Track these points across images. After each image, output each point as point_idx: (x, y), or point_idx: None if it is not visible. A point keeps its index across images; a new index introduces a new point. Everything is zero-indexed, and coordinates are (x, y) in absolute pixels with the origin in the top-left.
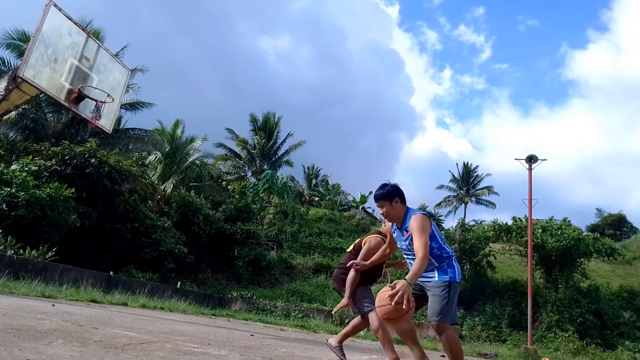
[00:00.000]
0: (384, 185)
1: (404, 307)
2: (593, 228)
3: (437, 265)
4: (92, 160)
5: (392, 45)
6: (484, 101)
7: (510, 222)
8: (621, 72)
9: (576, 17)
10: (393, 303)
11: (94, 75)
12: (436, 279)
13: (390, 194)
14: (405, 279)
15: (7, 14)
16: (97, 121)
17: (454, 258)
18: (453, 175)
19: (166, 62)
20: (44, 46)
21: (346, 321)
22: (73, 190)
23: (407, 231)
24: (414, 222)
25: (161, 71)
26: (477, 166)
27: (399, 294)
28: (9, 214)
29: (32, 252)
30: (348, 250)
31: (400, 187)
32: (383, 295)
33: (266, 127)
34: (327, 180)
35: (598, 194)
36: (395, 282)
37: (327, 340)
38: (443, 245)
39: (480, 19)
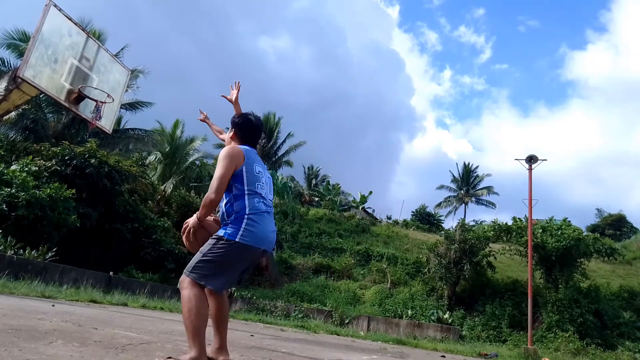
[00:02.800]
0: (242, 115)
1: (185, 238)
2: (593, 228)
3: (224, 222)
4: (92, 161)
5: (392, 46)
6: (484, 101)
7: (510, 222)
8: (620, 72)
9: (575, 18)
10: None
11: (94, 76)
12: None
13: (234, 123)
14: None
15: (7, 14)
16: (97, 121)
17: (248, 215)
18: (453, 175)
19: (166, 62)
20: (44, 46)
21: (346, 322)
22: (73, 190)
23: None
24: (221, 152)
25: (161, 71)
26: (477, 166)
27: (186, 227)
28: (9, 214)
29: (32, 252)
30: None
31: (249, 127)
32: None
33: (266, 127)
34: (328, 180)
35: (598, 194)
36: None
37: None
38: (246, 195)
39: (480, 19)
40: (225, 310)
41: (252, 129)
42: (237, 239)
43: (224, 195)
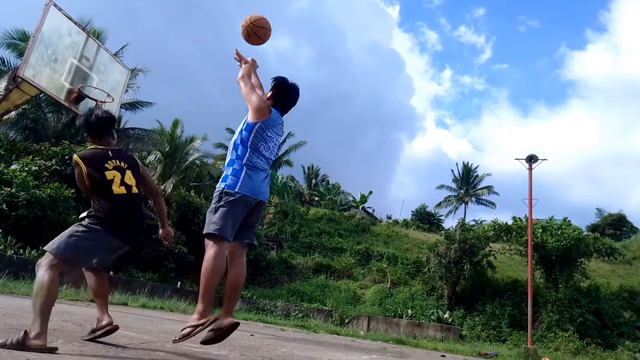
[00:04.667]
0: (285, 81)
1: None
2: (593, 228)
3: (227, 165)
4: None
5: (392, 46)
6: (484, 101)
7: (510, 222)
8: (620, 73)
9: (575, 18)
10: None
11: (94, 75)
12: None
13: (274, 85)
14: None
15: (7, 14)
16: None
17: (246, 167)
18: (454, 174)
19: (166, 62)
20: (44, 46)
21: (346, 321)
22: (73, 190)
23: None
24: (260, 98)
25: (161, 71)
26: (477, 166)
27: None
28: (9, 214)
29: (32, 252)
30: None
31: (288, 93)
32: None
33: None
34: (328, 180)
35: (598, 194)
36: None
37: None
38: (249, 147)
39: (480, 19)
40: (242, 274)
41: (289, 98)
42: (236, 189)
43: (237, 137)
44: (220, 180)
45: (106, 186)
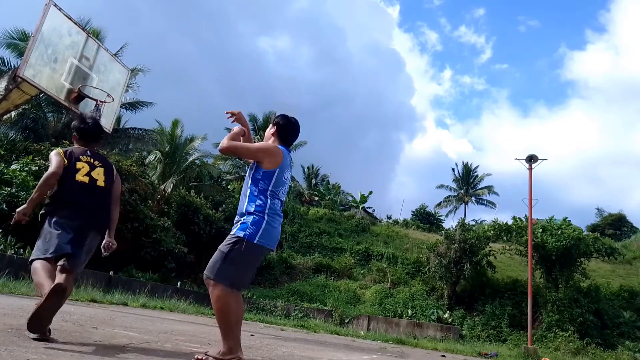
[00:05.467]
0: (285, 117)
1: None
2: (593, 228)
3: (242, 216)
4: None
5: (392, 46)
6: (484, 101)
7: (510, 222)
8: (620, 73)
9: (575, 18)
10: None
11: (94, 75)
12: (232, 233)
13: (277, 124)
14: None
15: (7, 14)
16: None
17: (267, 217)
18: (454, 174)
19: (166, 62)
20: (44, 46)
21: (346, 321)
22: None
23: None
24: (269, 144)
25: (161, 71)
26: (477, 166)
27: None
28: (10, 213)
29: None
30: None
31: (291, 130)
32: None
33: (266, 127)
34: (328, 180)
35: (598, 194)
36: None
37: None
38: (268, 194)
39: (480, 19)
40: (242, 309)
41: (292, 132)
42: (255, 241)
43: (249, 188)
44: (238, 227)
45: (72, 174)
